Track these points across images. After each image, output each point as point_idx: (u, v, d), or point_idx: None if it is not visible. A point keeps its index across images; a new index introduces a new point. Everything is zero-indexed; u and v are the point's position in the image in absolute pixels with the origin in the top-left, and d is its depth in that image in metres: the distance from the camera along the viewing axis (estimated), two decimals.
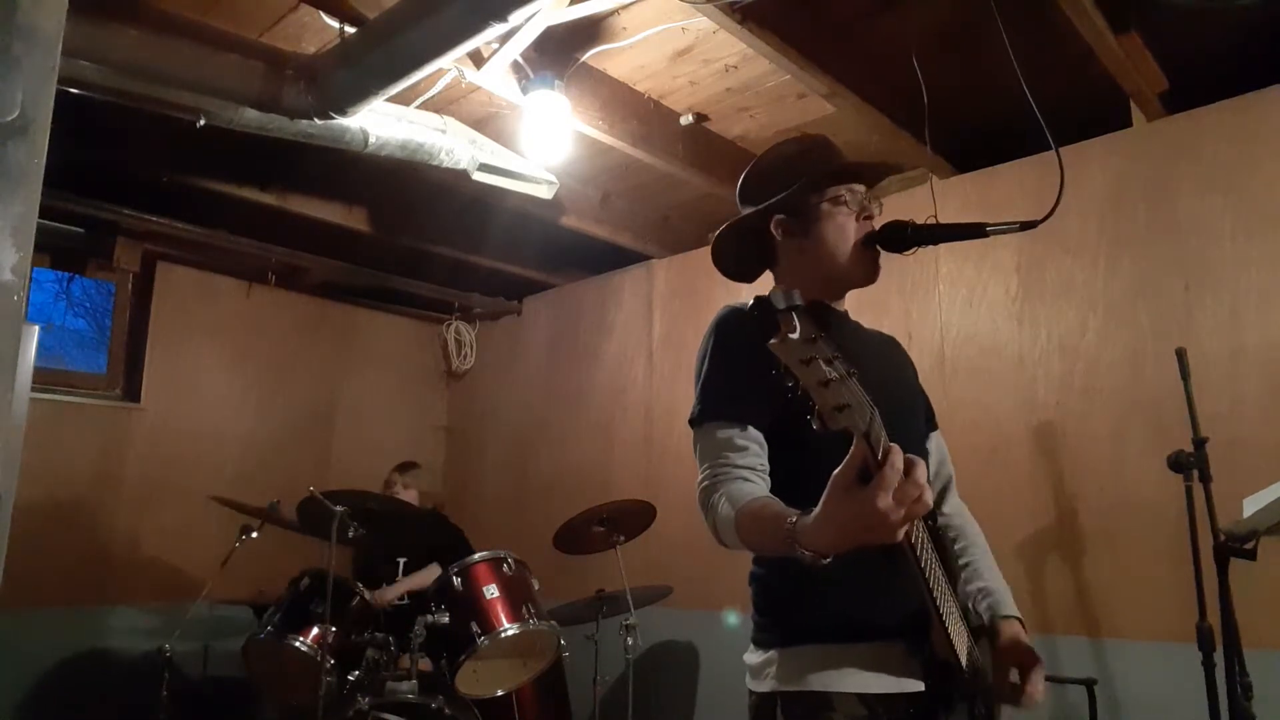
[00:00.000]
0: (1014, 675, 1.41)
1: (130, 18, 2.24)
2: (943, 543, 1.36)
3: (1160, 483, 2.34)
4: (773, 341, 0.89)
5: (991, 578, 1.55)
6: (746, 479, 1.29)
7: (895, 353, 1.65)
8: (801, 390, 0.91)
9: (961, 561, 1.56)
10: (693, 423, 1.39)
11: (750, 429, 1.33)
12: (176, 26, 2.33)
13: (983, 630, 1.47)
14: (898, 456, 0.97)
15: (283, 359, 4.47)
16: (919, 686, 1.30)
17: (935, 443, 1.64)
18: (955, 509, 1.63)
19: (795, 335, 0.88)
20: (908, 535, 1.12)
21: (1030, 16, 2.21)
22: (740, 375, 1.35)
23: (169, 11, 2.36)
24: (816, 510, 1.04)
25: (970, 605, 1.52)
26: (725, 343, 1.40)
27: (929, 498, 1.00)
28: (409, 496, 3.75)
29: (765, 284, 1.53)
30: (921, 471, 0.98)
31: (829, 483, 1.01)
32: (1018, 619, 1.48)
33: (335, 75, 2.44)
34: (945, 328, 3.10)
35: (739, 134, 3.22)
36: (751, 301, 0.95)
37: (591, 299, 4.49)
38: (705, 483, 1.32)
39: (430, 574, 3.34)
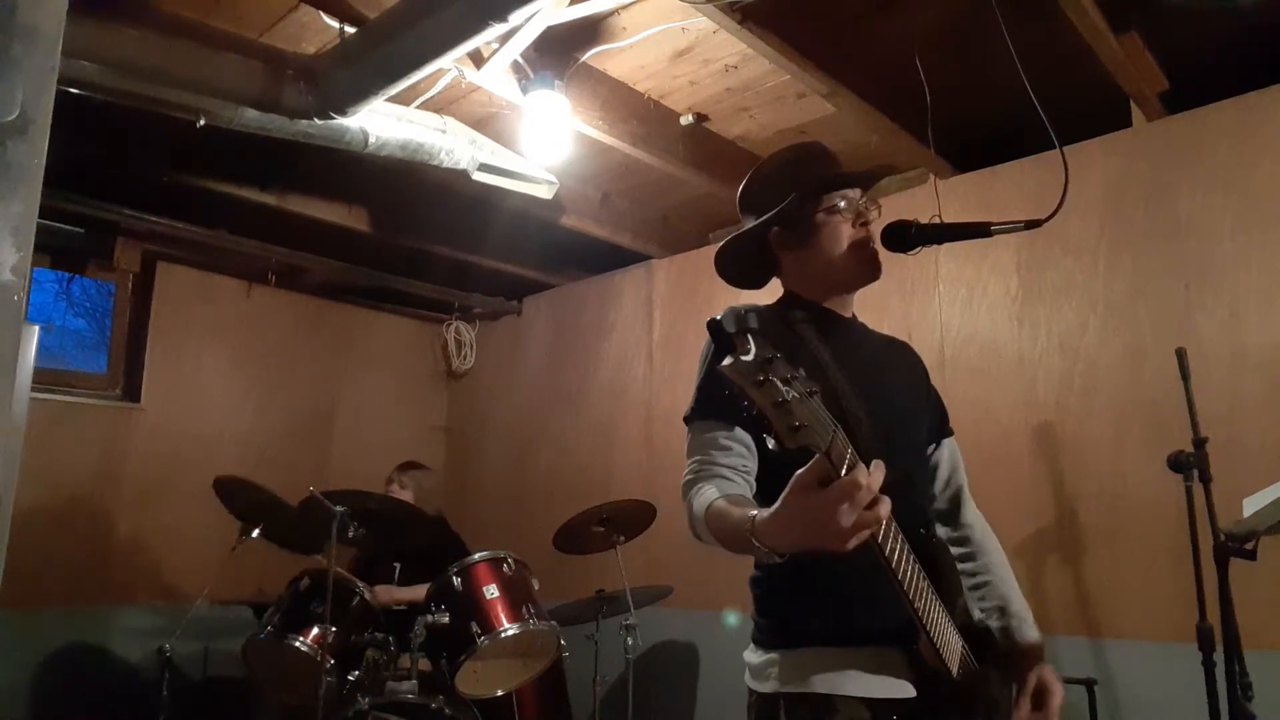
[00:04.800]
0: (1025, 709, 1.40)
1: (130, 18, 2.24)
2: (934, 555, 1.35)
3: (1160, 483, 2.34)
4: (724, 364, 0.90)
5: (1008, 596, 1.53)
6: (726, 477, 1.32)
7: (901, 358, 1.64)
8: (757, 411, 0.92)
9: (980, 579, 1.55)
10: (686, 420, 1.43)
11: (738, 430, 1.35)
12: (176, 26, 2.33)
13: (997, 648, 1.46)
14: (860, 472, 0.98)
15: (283, 359, 4.47)
16: (913, 692, 1.31)
17: (948, 450, 1.61)
18: (972, 521, 1.61)
19: (749, 356, 0.89)
20: (880, 546, 1.12)
21: (1030, 16, 2.21)
22: None
23: (169, 11, 2.36)
24: (775, 506, 1.06)
25: (984, 622, 1.51)
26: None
27: (884, 509, 1.01)
28: (404, 497, 3.74)
29: (774, 290, 1.54)
30: (878, 480, 0.99)
31: (791, 480, 1.02)
32: (1037, 645, 1.47)
33: (335, 75, 2.44)
34: (945, 328, 3.10)
35: (739, 134, 3.22)
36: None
37: (591, 299, 4.49)
38: (688, 477, 1.37)
39: (418, 591, 3.33)
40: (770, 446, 0.94)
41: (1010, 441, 2.88)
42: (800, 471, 1.00)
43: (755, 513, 1.11)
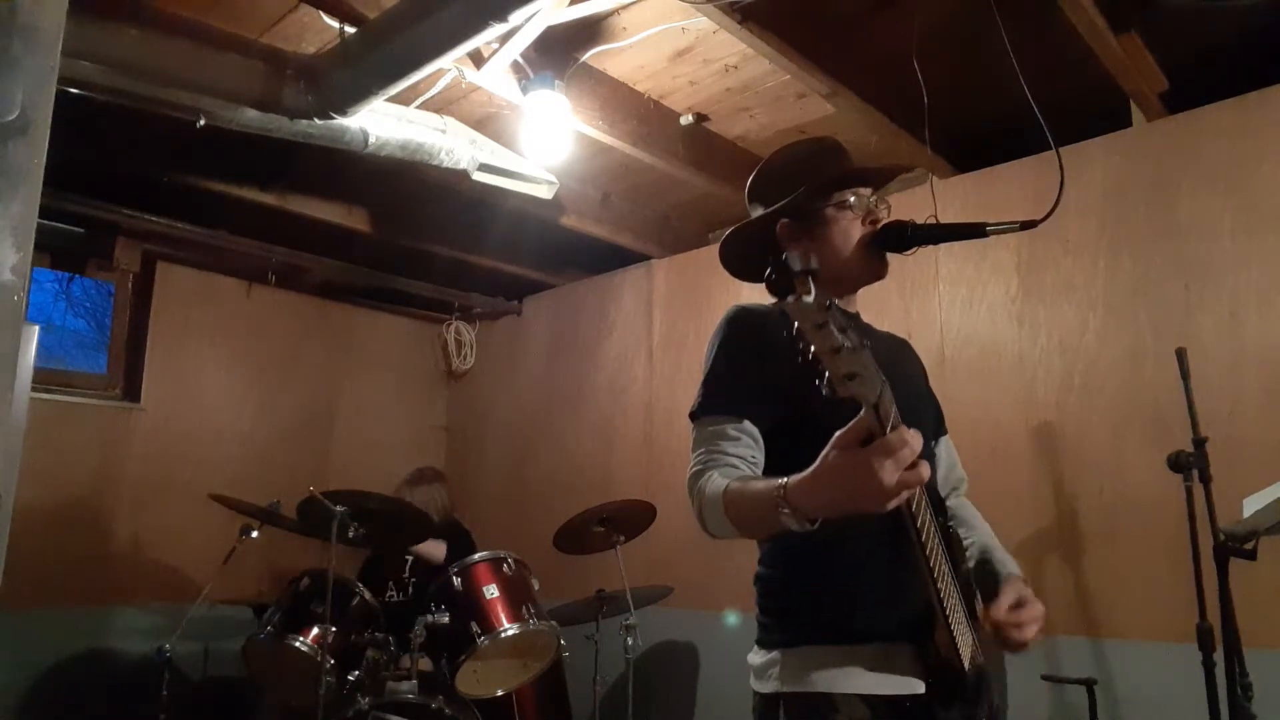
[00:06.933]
0: (1004, 608, 1.40)
1: (130, 18, 2.24)
2: (953, 542, 1.36)
3: (1160, 483, 2.34)
4: (789, 301, 0.88)
5: (990, 545, 1.56)
6: (736, 466, 1.30)
7: (905, 354, 1.65)
8: (813, 355, 0.90)
9: (965, 541, 1.56)
10: (692, 416, 1.41)
11: (746, 423, 1.34)
12: (176, 26, 2.33)
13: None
14: (905, 430, 0.97)
15: (283, 359, 4.47)
16: (921, 688, 1.30)
17: (945, 447, 1.64)
18: (959, 504, 1.65)
19: (810, 299, 0.87)
20: (912, 516, 1.12)
21: (1030, 16, 2.21)
22: (743, 372, 1.37)
23: (169, 11, 2.36)
24: (812, 466, 1.04)
25: (976, 580, 1.52)
26: (732, 340, 1.41)
27: (926, 471, 1.00)
28: None
29: None
30: (919, 443, 0.98)
31: (831, 440, 1.01)
32: (1021, 578, 1.49)
33: (335, 75, 2.44)
34: (945, 328, 3.10)
35: (739, 134, 3.22)
36: (772, 301, 0.94)
37: (591, 299, 4.49)
38: (695, 468, 1.33)
39: (439, 547, 3.35)
40: (824, 394, 0.92)
41: (1010, 441, 2.88)
42: (840, 431, 0.99)
43: (784, 479, 1.08)
